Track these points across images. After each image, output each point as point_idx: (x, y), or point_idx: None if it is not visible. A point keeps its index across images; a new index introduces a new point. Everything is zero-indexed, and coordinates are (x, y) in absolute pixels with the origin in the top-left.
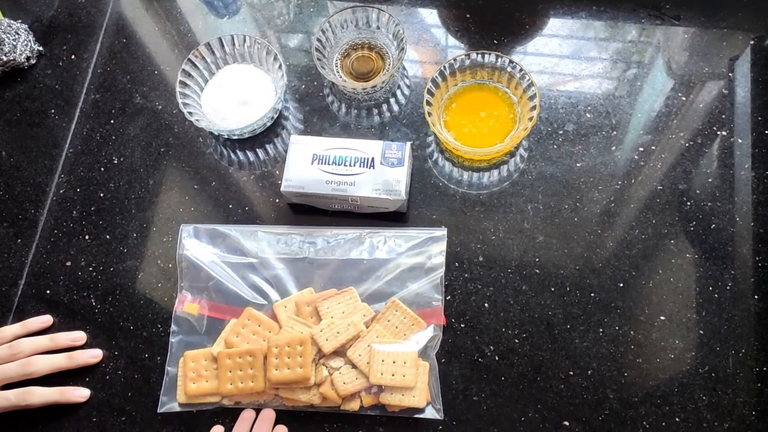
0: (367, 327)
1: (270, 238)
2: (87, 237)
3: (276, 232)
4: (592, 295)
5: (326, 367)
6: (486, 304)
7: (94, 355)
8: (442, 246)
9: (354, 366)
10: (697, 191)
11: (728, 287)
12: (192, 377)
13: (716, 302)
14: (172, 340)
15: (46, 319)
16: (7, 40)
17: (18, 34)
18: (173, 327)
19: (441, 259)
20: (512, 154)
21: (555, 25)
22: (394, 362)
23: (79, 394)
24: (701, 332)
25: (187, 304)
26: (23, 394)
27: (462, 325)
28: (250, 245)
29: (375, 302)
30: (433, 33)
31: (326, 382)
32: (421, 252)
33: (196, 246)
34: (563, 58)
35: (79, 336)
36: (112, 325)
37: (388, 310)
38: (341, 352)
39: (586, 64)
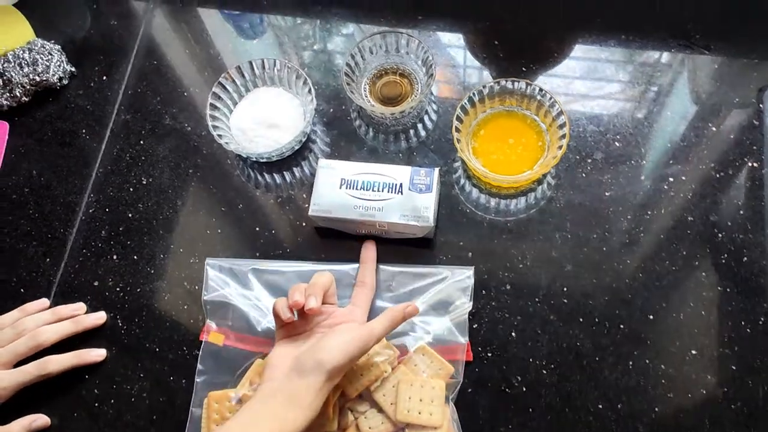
0: (393, 369)
1: (293, 275)
2: (115, 257)
3: (303, 269)
4: (622, 326)
5: (352, 411)
6: (513, 334)
7: (99, 317)
8: (469, 282)
9: (380, 410)
10: (728, 223)
11: (761, 321)
12: (216, 419)
13: (749, 337)
14: (198, 380)
15: (42, 302)
16: (40, 60)
17: (51, 54)
18: (199, 366)
19: (467, 297)
20: (540, 182)
21: (583, 52)
22: (421, 400)
23: (97, 353)
24: (733, 367)
25: (212, 334)
26: (42, 364)
27: (489, 355)
28: (276, 280)
29: (399, 337)
30: (460, 59)
31: (352, 427)
32: (446, 289)
33: (222, 280)
34: (591, 87)
35: (79, 306)
36: (138, 347)
37: (415, 354)
38: (366, 395)
39: (615, 92)
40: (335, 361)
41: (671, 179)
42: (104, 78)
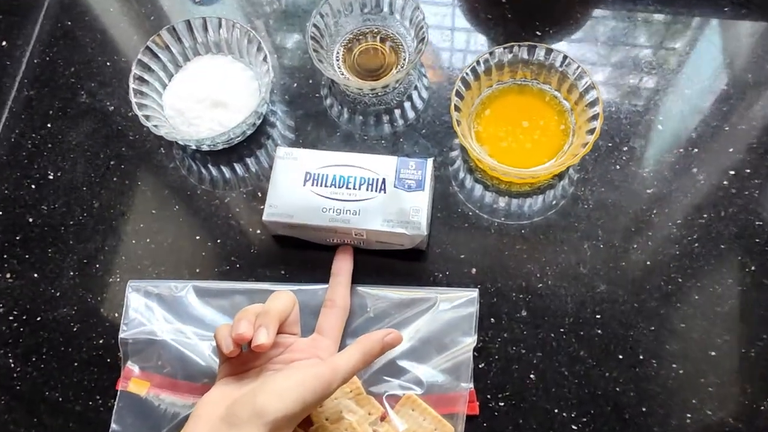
0: None
1: (244, 299)
2: (8, 275)
3: (258, 289)
4: (674, 366)
5: None
6: (532, 375)
7: None
8: (473, 308)
9: None
10: None
11: None
12: None
13: None
14: None
15: None
16: None
17: None
18: (113, 426)
19: (470, 328)
20: (561, 176)
21: (612, 14)
22: None
23: None
24: None
25: (134, 381)
26: None
27: (501, 404)
28: (223, 305)
29: (379, 384)
30: (460, 21)
31: None
32: (443, 318)
33: (148, 308)
34: (625, 55)
35: None
36: (35, 396)
37: (402, 408)
38: None
39: (657, 62)
40: (280, 410)
41: (732, 172)
42: (3, 44)
